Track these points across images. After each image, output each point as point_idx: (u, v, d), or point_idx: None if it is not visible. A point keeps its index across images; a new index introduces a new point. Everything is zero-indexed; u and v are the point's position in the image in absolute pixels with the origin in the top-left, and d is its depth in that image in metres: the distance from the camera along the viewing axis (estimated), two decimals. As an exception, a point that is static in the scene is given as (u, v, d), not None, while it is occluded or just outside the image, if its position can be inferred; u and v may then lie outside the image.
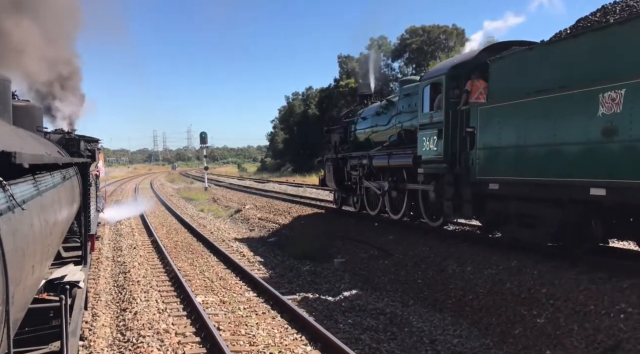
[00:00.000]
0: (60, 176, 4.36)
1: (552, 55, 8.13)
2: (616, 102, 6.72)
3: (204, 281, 10.63)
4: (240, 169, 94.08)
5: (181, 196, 34.43)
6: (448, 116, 10.54)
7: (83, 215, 7.09)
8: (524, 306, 7.00)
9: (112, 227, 19.52)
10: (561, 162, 7.68)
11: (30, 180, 2.87)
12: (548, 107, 7.94)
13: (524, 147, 8.41)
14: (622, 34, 6.86)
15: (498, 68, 9.27)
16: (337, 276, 10.71)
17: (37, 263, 2.81)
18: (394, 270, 10.08)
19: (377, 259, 11.05)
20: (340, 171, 17.13)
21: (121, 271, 11.86)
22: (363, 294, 9.14)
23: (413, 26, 55.75)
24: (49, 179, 3.68)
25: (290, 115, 70.50)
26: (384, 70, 58.01)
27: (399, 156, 13.08)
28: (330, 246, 13.26)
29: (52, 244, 3.71)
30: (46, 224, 3.12)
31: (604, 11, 8.20)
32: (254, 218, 20.34)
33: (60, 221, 4.04)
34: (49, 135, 9.68)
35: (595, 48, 7.28)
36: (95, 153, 13.97)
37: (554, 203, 8.09)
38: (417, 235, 11.52)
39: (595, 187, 7.06)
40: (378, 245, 11.83)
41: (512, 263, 8.24)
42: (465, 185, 9.95)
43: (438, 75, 11.20)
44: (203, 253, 13.87)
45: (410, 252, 10.55)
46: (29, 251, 2.50)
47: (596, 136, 7.03)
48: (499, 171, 9.07)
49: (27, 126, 5.75)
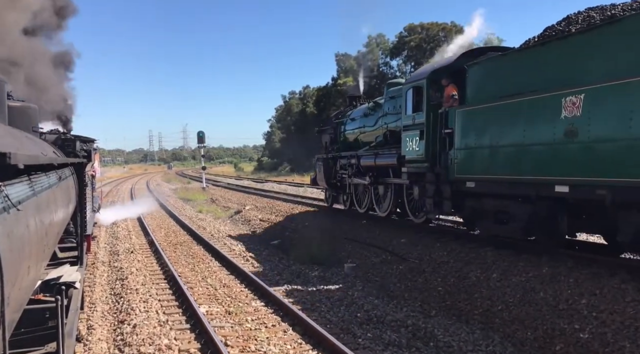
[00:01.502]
0: (56, 176, 4.31)
1: (522, 61, 8.77)
2: (577, 106, 7.30)
3: (206, 289, 9.97)
4: (237, 168, 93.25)
5: (179, 197, 33.71)
6: (429, 118, 11.14)
7: (79, 215, 7.03)
8: (563, 318, 6.37)
9: (109, 230, 18.84)
10: (530, 161, 8.23)
11: (25, 181, 2.84)
12: (518, 110, 8.51)
13: (497, 147, 8.97)
14: (582, 43, 7.49)
15: (474, 73, 9.83)
16: (348, 283, 10.08)
17: (32, 264, 2.78)
18: (411, 276, 9.45)
19: (391, 264, 10.41)
20: (331, 170, 17.60)
21: (118, 278, 11.20)
22: (380, 304, 8.50)
23: (412, 24, 55.07)
24: (45, 179, 3.63)
25: (288, 114, 69.82)
26: (383, 68, 57.48)
27: (384, 155, 13.58)
28: (339, 250, 12.63)
29: (48, 245, 3.64)
30: (42, 225, 3.08)
31: (568, 21, 8.61)
32: (255, 219, 19.68)
33: (56, 221, 3.99)
34: (45, 135, 9.48)
35: (559, 56, 7.89)
36: (91, 153, 13.74)
37: (524, 200, 8.67)
38: (432, 238, 10.89)
39: (559, 185, 7.65)
40: (390, 249, 11.19)
41: (543, 270, 7.61)
42: (444, 183, 10.54)
43: (420, 79, 11.83)
44: (204, 257, 13.20)
45: (426, 257, 9.92)
46: (25, 251, 2.48)
47: (559, 137, 7.59)
48: (475, 170, 9.65)
49: (22, 126, 5.70)
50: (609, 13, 7.91)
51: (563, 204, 8.07)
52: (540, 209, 8.38)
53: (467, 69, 9.99)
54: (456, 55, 11.79)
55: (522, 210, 8.75)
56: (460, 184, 9.98)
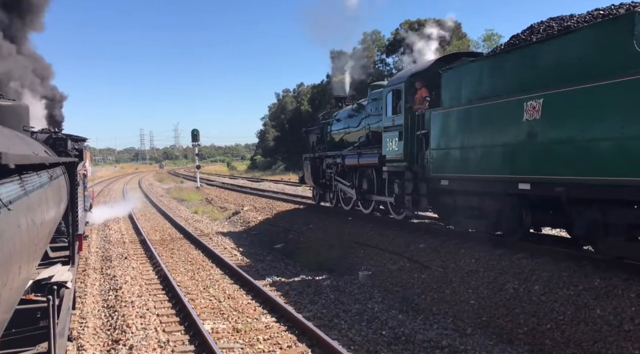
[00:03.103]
0: (47, 175, 4.26)
1: (490, 67, 9.37)
2: (536, 110, 7.92)
3: (210, 301, 9.04)
4: (230, 167, 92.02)
5: (172, 197, 32.66)
6: (407, 120, 11.77)
7: (71, 215, 6.96)
8: (631, 341, 5.50)
9: (100, 233, 17.83)
10: (496, 161, 8.87)
11: (16, 180, 2.82)
12: (486, 113, 9.14)
13: (468, 148, 9.59)
14: (541, 52, 8.06)
15: (448, 77, 10.41)
16: (365, 293, 9.17)
17: (23, 264, 2.77)
18: (436, 287, 8.55)
19: (411, 272, 9.51)
20: (317, 169, 18.14)
21: (111, 287, 10.25)
22: (405, 319, 7.60)
23: (408, 20, 54.12)
24: (36, 179, 3.59)
25: (282, 112, 68.70)
26: (379, 65, 56.57)
27: (367, 155, 14.17)
28: (349, 255, 11.72)
29: (39, 245, 3.57)
30: (33, 224, 3.05)
31: (531, 30, 9.09)
32: (255, 221, 18.74)
33: (47, 221, 3.95)
34: (36, 134, 9.41)
35: (521, 63, 8.50)
36: (82, 152, 13.39)
37: (492, 197, 9.30)
38: (454, 243, 10.01)
39: (522, 183, 8.28)
40: (408, 255, 10.30)
41: (595, 282, 6.73)
42: (421, 181, 11.25)
43: (398, 83, 12.46)
44: (204, 264, 12.26)
45: (451, 265, 9.04)
46: (16, 251, 2.45)
47: (522, 139, 8.22)
48: (449, 169, 10.26)
49: (13, 125, 5.61)
50: (566, 24, 8.40)
51: (526, 201, 8.70)
52: (507, 205, 9.07)
53: (441, 73, 10.58)
54: (432, 60, 12.65)
55: (490, 206, 9.46)
56: (435, 182, 10.71)
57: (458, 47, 46.54)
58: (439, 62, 11.61)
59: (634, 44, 6.57)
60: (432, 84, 11.18)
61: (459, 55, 12.11)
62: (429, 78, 11.40)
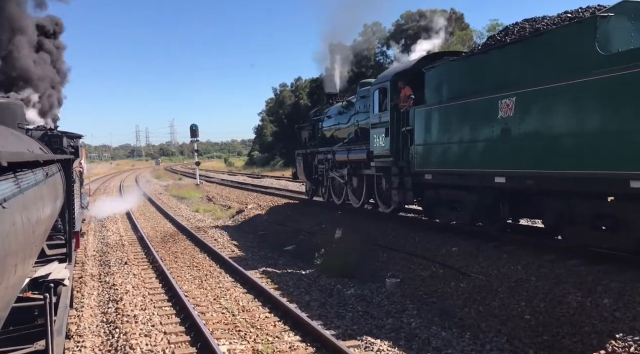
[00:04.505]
0: (42, 173, 4.23)
1: (468, 66, 9.85)
2: (510, 108, 8.38)
3: (222, 315, 8.04)
4: (228, 163, 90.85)
5: (171, 194, 31.56)
6: (393, 117, 12.26)
7: (67, 212, 6.92)
8: None
9: (97, 234, 16.79)
10: (475, 156, 9.35)
11: (11, 178, 2.78)
12: (465, 110, 9.64)
13: (449, 143, 10.09)
14: (513, 52, 8.57)
15: (430, 76, 10.88)
16: (396, 305, 8.16)
17: (19, 262, 2.73)
18: (480, 298, 7.55)
19: (446, 280, 8.52)
20: (310, 165, 18.64)
21: (111, 298, 9.25)
22: (450, 338, 6.61)
23: (409, 11, 52.96)
24: (31, 176, 3.55)
25: (280, 106, 67.46)
26: (379, 58, 55.49)
27: (356, 151, 14.66)
28: (371, 259, 10.72)
29: (36, 242, 3.52)
30: (28, 222, 3.01)
31: (506, 31, 9.45)
32: (261, 220, 17.74)
33: (43, 218, 3.90)
34: (31, 132, 9.46)
35: (496, 63, 9.02)
36: (78, 149, 13.45)
37: (472, 190, 9.82)
38: (493, 246, 9.04)
39: (498, 176, 8.77)
40: (439, 260, 9.31)
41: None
42: (407, 176, 11.80)
43: (384, 81, 12.92)
44: (211, 269, 11.24)
45: (493, 272, 8.05)
46: (11, 249, 2.44)
47: (497, 135, 8.68)
48: (431, 163, 10.77)
49: (7, 123, 5.59)
50: (537, 26, 8.63)
51: (502, 193, 9.16)
52: (485, 198, 9.57)
53: (424, 72, 11.03)
54: (416, 59, 13.06)
55: (470, 199, 9.97)
56: (420, 176, 11.19)
57: (461, 38, 45.47)
58: (423, 61, 12.12)
59: (596, 46, 6.99)
60: (417, 82, 11.51)
61: (442, 54, 12.87)
62: (414, 76, 11.77)
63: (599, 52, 6.94)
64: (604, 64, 6.83)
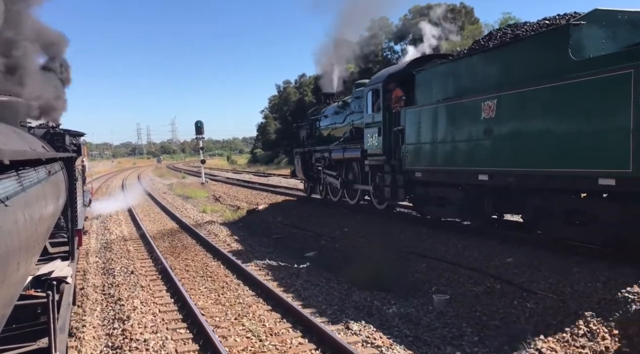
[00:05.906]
0: (45, 171, 4.22)
1: (455, 69, 10.35)
2: (492, 109, 8.90)
3: (247, 339, 6.86)
4: (231, 161, 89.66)
5: (176, 194, 30.51)
6: (385, 117, 12.89)
7: (70, 210, 6.95)
8: None
9: (100, 238, 15.66)
10: (460, 154, 9.89)
11: (13, 176, 2.79)
12: (451, 111, 10.18)
13: (437, 142, 10.66)
14: (495, 57, 9.17)
15: (420, 78, 11.47)
16: (450, 327, 7.00)
17: (22, 260, 2.72)
18: (556, 323, 6.39)
19: (506, 297, 7.37)
20: (307, 163, 19.21)
21: (117, 316, 8.07)
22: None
23: (417, 5, 51.68)
24: (33, 174, 3.56)
25: (285, 103, 66.37)
26: (387, 53, 54.27)
27: (351, 150, 15.23)
28: (407, 270, 9.56)
29: (38, 240, 3.50)
30: (31, 220, 3.00)
31: (490, 36, 9.91)
32: (274, 222, 16.52)
33: (46, 216, 3.88)
34: (33, 130, 9.43)
35: (480, 66, 9.55)
36: (80, 147, 13.30)
37: (457, 187, 10.51)
38: (559, 258, 7.89)
39: (481, 174, 9.29)
40: (493, 272, 8.15)
41: None
42: (398, 174, 12.35)
43: (377, 82, 13.50)
44: (228, 280, 10.05)
45: (566, 290, 6.90)
46: (14, 247, 2.42)
47: (480, 135, 9.19)
48: (421, 162, 11.30)
49: (10, 121, 5.52)
50: (517, 32, 9.02)
51: (486, 190, 9.64)
52: (470, 195, 10.17)
53: (415, 74, 11.59)
54: (408, 61, 13.66)
55: (457, 195, 10.57)
56: (410, 174, 11.75)
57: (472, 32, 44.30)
58: (414, 63, 12.65)
59: (569, 53, 7.46)
60: (408, 84, 11.97)
61: (432, 56, 13.36)
62: (405, 78, 12.25)
63: (571, 58, 7.43)
64: (577, 69, 7.29)
